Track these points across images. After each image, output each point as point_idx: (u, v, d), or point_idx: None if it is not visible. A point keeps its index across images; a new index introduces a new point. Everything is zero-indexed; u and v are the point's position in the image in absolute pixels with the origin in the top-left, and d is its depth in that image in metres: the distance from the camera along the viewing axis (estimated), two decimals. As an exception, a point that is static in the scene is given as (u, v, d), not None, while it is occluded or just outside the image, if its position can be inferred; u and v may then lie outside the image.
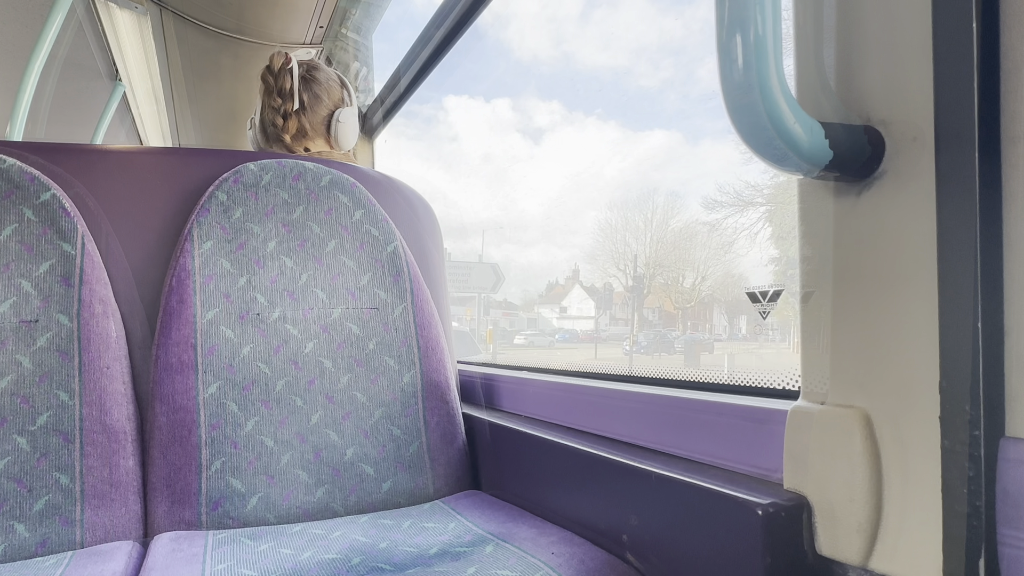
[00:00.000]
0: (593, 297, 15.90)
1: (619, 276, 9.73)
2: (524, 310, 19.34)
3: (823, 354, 0.45)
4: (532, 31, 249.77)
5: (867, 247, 0.42)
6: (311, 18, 1.62)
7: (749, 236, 4.47)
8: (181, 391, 0.74)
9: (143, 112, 2.51)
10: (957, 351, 0.36)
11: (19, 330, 0.69)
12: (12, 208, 0.72)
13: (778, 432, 0.50)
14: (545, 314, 17.69)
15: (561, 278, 23.48)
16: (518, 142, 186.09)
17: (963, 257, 0.36)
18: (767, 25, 0.36)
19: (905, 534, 0.40)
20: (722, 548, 0.47)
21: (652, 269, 8.90)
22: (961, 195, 0.36)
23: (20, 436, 0.68)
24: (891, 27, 0.40)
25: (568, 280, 18.22)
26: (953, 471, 0.37)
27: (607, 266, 10.35)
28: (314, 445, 0.78)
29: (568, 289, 17.56)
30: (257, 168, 0.84)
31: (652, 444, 0.63)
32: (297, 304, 0.81)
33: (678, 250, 9.35)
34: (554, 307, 17.27)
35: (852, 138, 0.40)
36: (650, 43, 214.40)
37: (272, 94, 1.11)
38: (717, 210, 4.11)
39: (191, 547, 0.65)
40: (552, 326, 16.61)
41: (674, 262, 9.42)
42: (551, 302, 18.00)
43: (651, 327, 9.44)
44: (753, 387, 0.60)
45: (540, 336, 14.27)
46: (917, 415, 0.39)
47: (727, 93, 0.38)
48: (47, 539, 0.67)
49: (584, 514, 0.64)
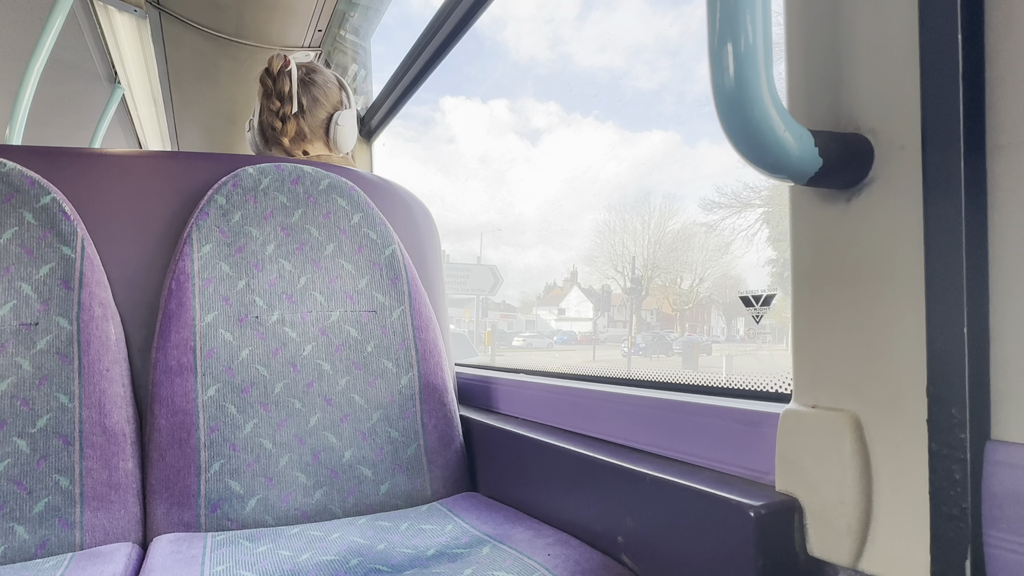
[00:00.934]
0: (591, 299, 15.75)
1: (617, 278, 9.62)
2: (523, 312, 19.14)
3: (814, 358, 0.46)
4: (529, 34, 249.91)
5: (856, 253, 0.42)
6: (309, 21, 1.63)
7: (746, 238, 4.48)
8: (180, 393, 0.75)
9: (142, 115, 2.52)
10: (944, 355, 0.37)
11: (19, 333, 0.70)
12: (12, 211, 0.73)
13: (770, 434, 0.50)
14: (544, 316, 17.52)
15: (559, 280, 23.30)
16: (515, 143, 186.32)
17: (950, 262, 0.37)
18: (758, 34, 0.37)
19: (894, 535, 0.40)
20: (715, 549, 0.47)
21: (650, 271, 8.83)
22: (948, 201, 0.37)
23: (20, 438, 0.68)
24: (879, 37, 0.41)
25: (566, 282, 18.00)
26: (940, 473, 0.37)
27: (605, 268, 10.23)
28: (312, 447, 0.79)
29: (567, 291, 17.36)
30: (256, 172, 0.84)
31: (647, 446, 0.63)
32: (295, 307, 0.82)
33: (676, 252, 9.26)
34: (552, 309, 17.09)
35: (841, 146, 0.41)
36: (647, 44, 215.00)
37: (271, 97, 1.11)
38: (715, 211, 4.13)
39: (190, 549, 0.65)
40: (551, 328, 16.45)
41: (672, 264, 9.34)
42: (549, 304, 17.83)
43: (649, 329, 9.38)
44: (745, 390, 0.60)
45: (538, 338, 14.21)
46: (905, 418, 0.39)
47: (719, 101, 0.38)
48: (47, 541, 0.67)
49: (580, 516, 0.64)
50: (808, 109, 0.46)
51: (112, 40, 1.93)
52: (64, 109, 2.40)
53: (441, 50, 1.33)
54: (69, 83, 2.17)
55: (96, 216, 0.80)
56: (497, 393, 0.94)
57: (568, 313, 16.75)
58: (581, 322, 15.99)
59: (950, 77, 0.37)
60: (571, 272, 18.21)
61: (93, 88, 2.21)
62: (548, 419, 0.81)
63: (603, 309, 14.74)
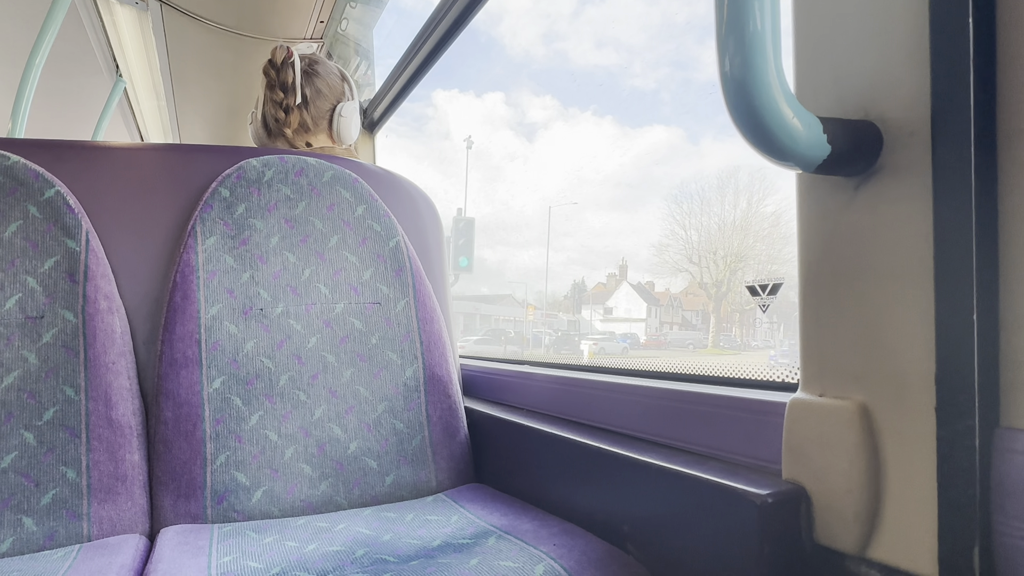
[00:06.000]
0: (642, 296, 14.25)
1: (692, 270, 8.57)
2: (563, 311, 17.31)
3: (821, 346, 0.45)
4: (524, 28, 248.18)
5: (865, 241, 0.42)
6: (312, 13, 1.62)
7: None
8: (186, 386, 0.75)
9: (144, 108, 2.51)
10: (953, 343, 0.37)
11: (25, 326, 0.70)
12: (17, 205, 0.73)
13: (777, 424, 0.50)
14: (586, 316, 15.91)
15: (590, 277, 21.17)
16: (539, 139, 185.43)
17: (959, 250, 0.36)
18: (765, 20, 0.36)
19: (901, 523, 0.40)
20: (722, 538, 0.47)
21: (733, 262, 7.81)
22: (957, 189, 0.37)
23: (27, 431, 0.68)
24: (888, 21, 0.41)
25: (611, 278, 16.29)
26: (948, 461, 0.37)
27: (678, 259, 9.20)
28: (318, 439, 0.79)
29: (612, 288, 15.41)
30: (259, 164, 0.84)
31: (653, 436, 0.63)
32: (300, 299, 0.82)
33: (768, 240, 8.22)
34: (597, 308, 15.54)
35: (850, 133, 0.41)
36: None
37: (274, 88, 1.11)
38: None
39: (197, 540, 0.65)
40: (596, 329, 14.72)
41: (758, 255, 8.33)
42: (593, 303, 16.10)
43: (724, 332, 8.06)
44: (752, 380, 0.60)
45: (610, 341, 12.41)
46: (913, 406, 0.39)
47: (726, 88, 0.38)
48: (54, 533, 0.67)
49: (585, 506, 0.64)
50: (816, 95, 0.45)
51: (114, 33, 1.93)
52: (66, 102, 2.40)
53: (445, 39, 1.32)
54: (71, 76, 2.17)
55: (100, 209, 0.80)
56: (501, 384, 0.94)
57: (616, 312, 14.93)
58: (632, 323, 14.50)
59: (961, 62, 0.36)
60: (619, 266, 16.28)
61: (95, 81, 2.20)
62: (552, 410, 0.81)
63: (667, 308, 13.46)
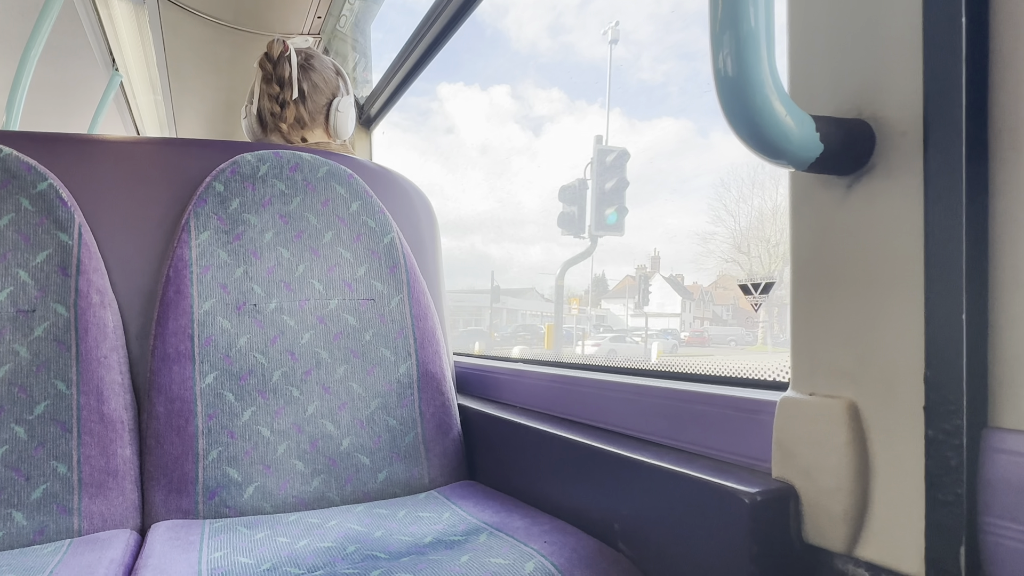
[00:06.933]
0: (676, 290, 13.62)
1: (741, 260, 8.17)
2: (591, 305, 16.66)
3: (812, 345, 0.45)
4: (530, 20, 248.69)
5: (856, 239, 0.42)
6: (309, 8, 1.62)
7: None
8: (178, 381, 0.74)
9: (140, 102, 2.50)
10: (942, 342, 0.37)
11: (16, 319, 0.70)
12: (9, 197, 0.72)
13: (767, 422, 0.50)
14: (615, 311, 15.37)
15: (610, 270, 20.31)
16: (552, 133, 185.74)
17: (950, 250, 0.37)
18: (759, 19, 0.36)
19: (889, 522, 0.40)
20: (711, 536, 0.48)
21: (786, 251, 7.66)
22: (949, 188, 0.37)
23: (18, 425, 0.68)
24: (882, 20, 0.41)
25: (639, 271, 15.58)
26: (936, 460, 0.37)
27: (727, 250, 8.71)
28: (310, 435, 0.79)
29: (638, 282, 14.54)
30: (254, 159, 0.84)
31: (644, 434, 0.63)
32: (294, 295, 0.82)
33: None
34: (628, 302, 14.98)
35: (842, 131, 0.41)
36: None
37: (270, 82, 1.10)
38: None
39: (188, 535, 0.65)
40: (625, 325, 14.05)
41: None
42: (619, 297, 15.47)
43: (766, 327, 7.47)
44: (742, 378, 0.60)
45: (663, 338, 11.73)
46: (902, 405, 0.39)
47: (719, 86, 0.38)
48: (45, 527, 0.67)
49: (576, 503, 0.64)
50: (809, 94, 0.45)
51: (110, 26, 1.92)
52: (62, 95, 2.38)
53: (441, 36, 1.32)
54: (67, 69, 2.16)
55: (93, 202, 0.79)
56: (495, 382, 0.94)
57: (649, 307, 14.20)
58: (665, 318, 13.86)
59: (953, 62, 0.36)
60: (651, 257, 15.26)
61: (91, 74, 2.19)
62: (545, 407, 0.81)
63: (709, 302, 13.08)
